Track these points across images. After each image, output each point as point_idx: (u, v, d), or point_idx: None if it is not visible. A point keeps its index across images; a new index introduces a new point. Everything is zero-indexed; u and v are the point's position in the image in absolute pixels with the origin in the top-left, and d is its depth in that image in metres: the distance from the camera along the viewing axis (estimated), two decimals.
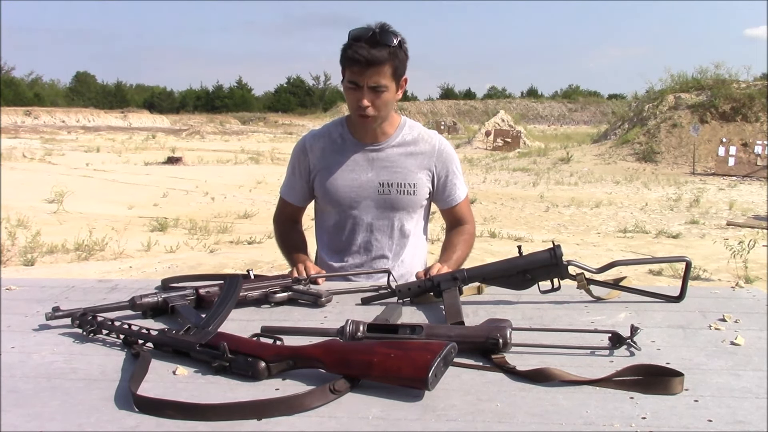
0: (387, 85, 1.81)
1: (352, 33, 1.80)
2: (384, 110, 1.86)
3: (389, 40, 1.77)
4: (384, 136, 1.96)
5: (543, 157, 21.84)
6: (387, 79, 1.80)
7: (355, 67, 1.77)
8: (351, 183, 1.94)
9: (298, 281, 1.60)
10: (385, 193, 1.94)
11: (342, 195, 1.95)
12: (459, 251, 1.96)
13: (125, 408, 0.97)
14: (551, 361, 1.12)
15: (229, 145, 29.87)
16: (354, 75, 1.79)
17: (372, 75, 1.78)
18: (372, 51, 1.75)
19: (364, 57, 1.75)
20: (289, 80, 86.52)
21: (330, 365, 1.04)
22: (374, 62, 1.76)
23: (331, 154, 1.97)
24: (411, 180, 1.95)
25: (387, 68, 1.79)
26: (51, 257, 7.02)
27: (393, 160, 1.95)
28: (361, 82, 1.79)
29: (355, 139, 1.97)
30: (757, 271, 6.20)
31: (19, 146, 23.87)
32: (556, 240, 1.69)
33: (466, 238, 2.02)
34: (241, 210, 10.68)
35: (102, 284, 1.76)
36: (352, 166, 1.95)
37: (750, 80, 22.77)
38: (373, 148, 1.96)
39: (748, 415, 0.93)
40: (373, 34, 1.77)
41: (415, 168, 1.96)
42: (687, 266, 1.52)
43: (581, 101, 72.74)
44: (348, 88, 1.83)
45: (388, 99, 1.84)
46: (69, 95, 73.50)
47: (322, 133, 2.03)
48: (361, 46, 1.76)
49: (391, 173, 1.95)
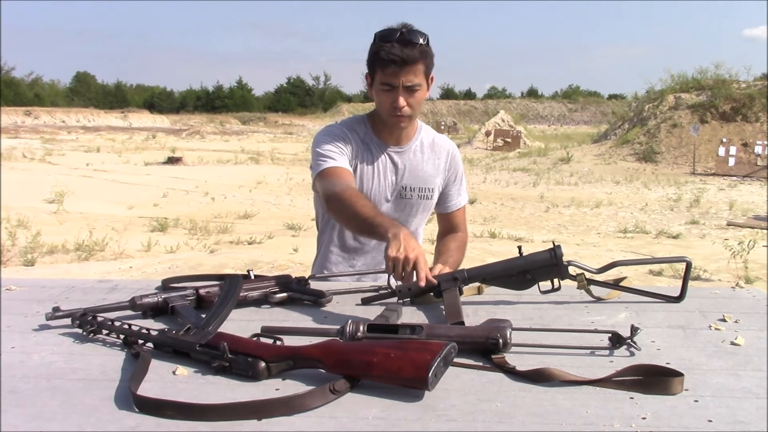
0: (420, 84, 1.80)
1: (379, 34, 1.78)
2: (417, 109, 1.86)
3: (418, 38, 1.76)
4: (407, 139, 1.95)
5: (543, 157, 21.84)
6: (420, 77, 1.79)
7: (390, 68, 1.75)
8: (377, 184, 1.93)
9: (298, 281, 1.60)
10: (407, 197, 1.95)
11: (367, 195, 1.91)
12: (455, 255, 1.97)
13: (125, 408, 0.97)
14: (551, 361, 1.12)
15: (229, 145, 29.87)
16: (388, 76, 1.77)
17: (407, 74, 1.76)
18: (405, 50, 1.74)
19: (399, 57, 1.73)
20: (289, 80, 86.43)
21: (330, 365, 1.04)
22: (409, 61, 1.75)
23: (361, 152, 1.94)
24: (431, 185, 1.97)
25: (420, 66, 1.78)
26: (51, 257, 7.02)
27: (416, 164, 1.95)
28: (396, 83, 1.77)
29: (379, 140, 1.94)
30: (757, 271, 6.20)
31: (19, 146, 23.90)
32: (557, 240, 1.69)
33: (460, 245, 2.03)
34: (241, 210, 10.68)
35: (102, 284, 1.76)
36: (377, 167, 1.93)
37: (750, 80, 22.77)
38: (397, 150, 1.94)
39: (748, 415, 0.93)
40: (401, 33, 1.76)
41: (434, 173, 1.98)
42: (687, 266, 1.52)
43: (581, 101, 72.72)
44: (382, 90, 1.80)
45: (421, 98, 1.84)
46: (69, 95, 73.54)
47: (350, 128, 1.95)
48: (393, 46, 1.74)
49: (413, 178, 1.95)
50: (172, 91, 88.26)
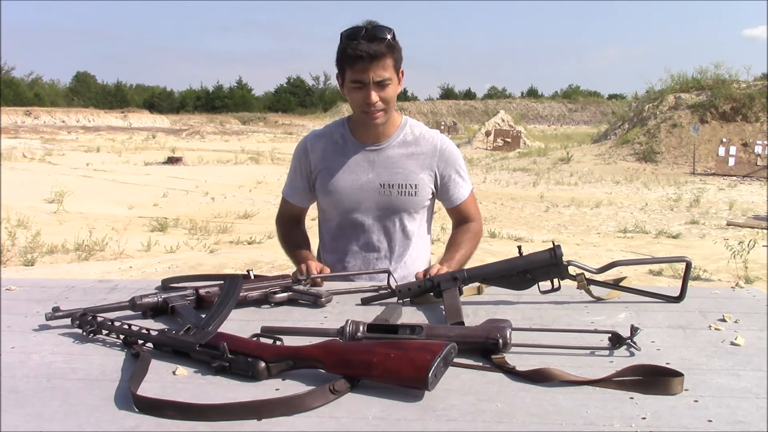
0: (391, 78, 1.82)
1: (346, 33, 1.80)
2: (390, 104, 1.87)
3: (384, 33, 1.79)
4: (385, 137, 1.96)
5: (543, 157, 21.83)
6: (390, 71, 1.81)
7: (359, 65, 1.77)
8: (352, 184, 1.94)
9: (298, 281, 1.60)
10: (386, 194, 1.94)
11: (343, 196, 1.94)
12: (463, 249, 1.95)
13: (125, 408, 0.97)
14: (551, 361, 1.12)
15: (229, 145, 29.87)
16: (357, 73, 1.79)
17: (376, 69, 1.78)
18: (371, 46, 1.76)
19: (367, 52, 1.75)
20: (289, 80, 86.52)
21: (330, 365, 1.04)
22: (377, 56, 1.76)
23: (332, 154, 1.97)
24: (412, 181, 1.94)
25: (389, 61, 1.80)
26: (51, 257, 7.02)
27: (394, 160, 1.95)
28: (366, 79, 1.79)
29: (357, 140, 1.96)
30: (757, 271, 6.20)
31: (19, 146, 23.89)
32: (556, 240, 1.69)
33: (470, 236, 2.00)
34: (241, 210, 10.68)
35: (102, 284, 1.76)
36: (353, 167, 1.94)
37: (750, 80, 22.75)
38: (373, 149, 1.95)
39: (748, 415, 0.93)
40: (366, 30, 1.78)
41: (416, 168, 1.95)
42: (687, 266, 1.52)
43: (581, 101, 72.66)
44: (353, 88, 1.82)
45: (393, 92, 1.85)
46: (69, 95, 73.46)
47: (323, 134, 2.02)
48: (360, 43, 1.76)
49: (391, 174, 1.94)
50: (172, 91, 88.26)
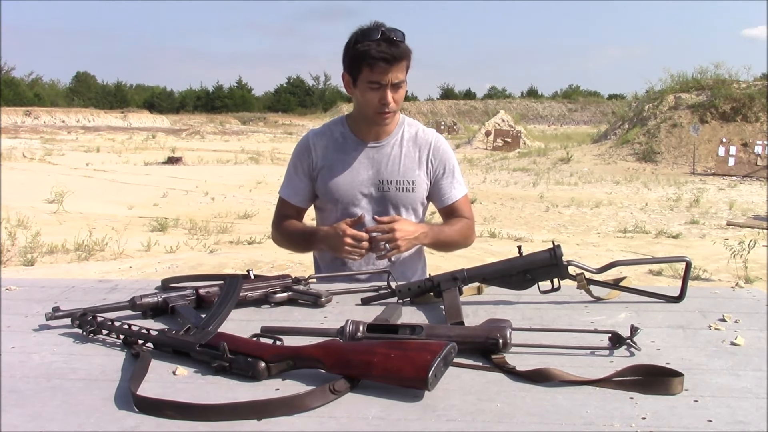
0: (404, 81, 1.86)
1: (363, 32, 1.81)
2: (400, 105, 1.91)
3: (401, 36, 1.81)
4: (385, 134, 1.97)
5: (543, 157, 21.84)
6: (404, 74, 1.85)
7: (380, 66, 1.78)
8: (351, 181, 1.95)
9: (298, 281, 1.60)
10: (385, 191, 1.95)
11: (342, 193, 1.95)
12: (448, 226, 1.98)
13: (125, 408, 0.97)
14: (551, 361, 1.12)
15: (229, 145, 29.87)
16: (377, 74, 1.80)
17: (395, 72, 1.80)
18: (392, 48, 1.78)
19: (390, 55, 1.77)
20: (289, 80, 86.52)
21: (330, 365, 1.04)
22: (398, 59, 1.79)
23: (333, 152, 1.98)
24: (410, 177, 1.96)
25: (405, 63, 1.83)
26: (51, 257, 7.02)
27: (393, 157, 1.97)
28: (384, 81, 1.81)
29: (357, 138, 1.98)
30: (757, 271, 6.20)
31: (19, 146, 23.90)
32: (556, 240, 1.68)
33: (461, 224, 2.00)
34: (241, 210, 10.68)
35: (102, 284, 1.76)
36: (353, 164, 1.96)
37: (750, 80, 22.76)
38: (373, 146, 1.97)
39: (748, 415, 0.93)
40: (383, 32, 1.79)
41: (413, 165, 1.98)
42: (687, 266, 1.52)
43: (581, 101, 72.68)
44: (368, 88, 1.83)
45: (403, 94, 1.90)
46: (69, 95, 73.43)
47: (323, 132, 2.03)
48: (380, 44, 1.77)
49: (390, 171, 1.96)
50: (172, 91, 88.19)
